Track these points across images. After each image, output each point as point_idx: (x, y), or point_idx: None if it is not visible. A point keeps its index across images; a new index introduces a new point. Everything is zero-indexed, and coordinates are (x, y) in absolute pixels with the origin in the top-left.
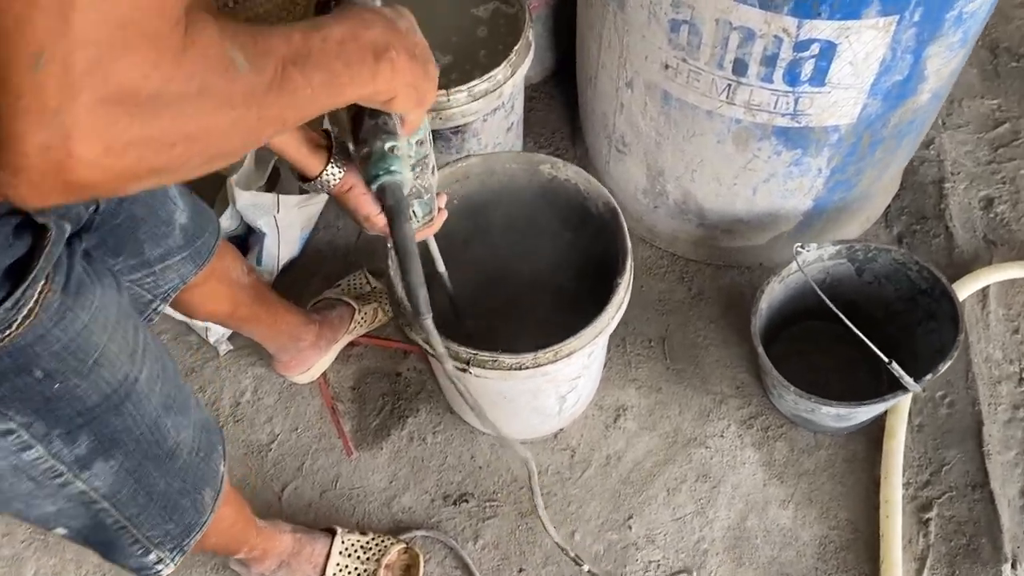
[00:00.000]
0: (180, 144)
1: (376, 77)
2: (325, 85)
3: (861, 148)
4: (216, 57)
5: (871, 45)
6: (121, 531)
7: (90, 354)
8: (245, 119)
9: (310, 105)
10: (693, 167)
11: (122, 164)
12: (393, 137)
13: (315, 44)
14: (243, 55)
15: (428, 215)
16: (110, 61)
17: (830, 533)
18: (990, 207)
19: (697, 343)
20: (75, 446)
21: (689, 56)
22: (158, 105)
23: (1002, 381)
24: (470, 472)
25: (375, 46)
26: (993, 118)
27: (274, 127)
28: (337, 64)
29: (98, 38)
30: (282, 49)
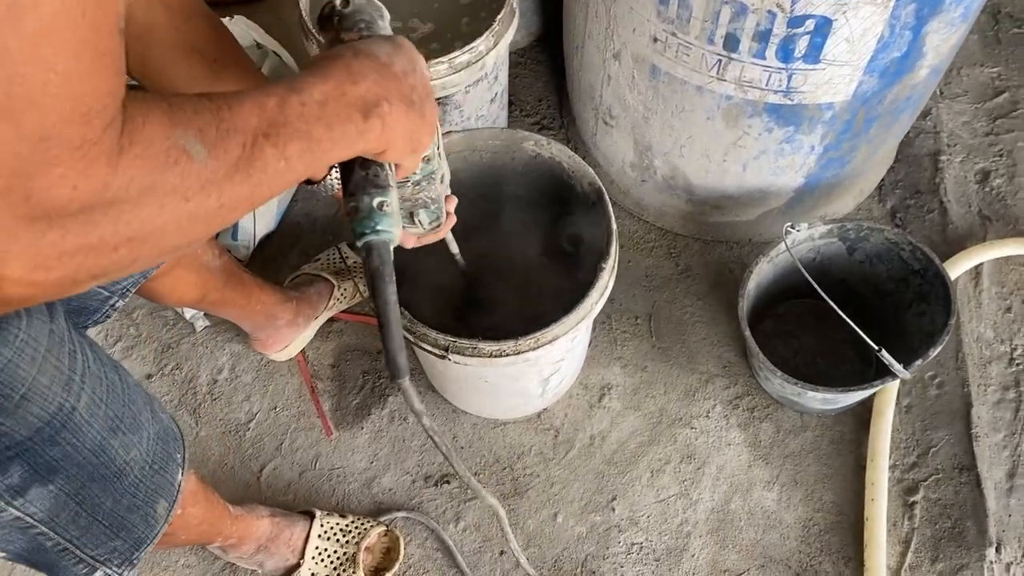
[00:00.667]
0: (124, 247)
1: (365, 136)
2: (303, 154)
3: (856, 125)
4: (162, 152)
5: (869, 21)
6: (63, 552)
7: (16, 390)
8: (204, 209)
9: (283, 178)
10: (682, 143)
11: (55, 276)
12: (383, 192)
13: (292, 110)
14: (200, 141)
15: (435, 222)
16: (30, 178)
17: (815, 515)
18: (986, 181)
19: (684, 320)
20: (6, 476)
21: (679, 30)
22: (94, 213)
23: (992, 361)
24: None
25: (364, 102)
26: (992, 87)
27: (240, 210)
28: (318, 129)
29: (14, 156)
30: (252, 122)
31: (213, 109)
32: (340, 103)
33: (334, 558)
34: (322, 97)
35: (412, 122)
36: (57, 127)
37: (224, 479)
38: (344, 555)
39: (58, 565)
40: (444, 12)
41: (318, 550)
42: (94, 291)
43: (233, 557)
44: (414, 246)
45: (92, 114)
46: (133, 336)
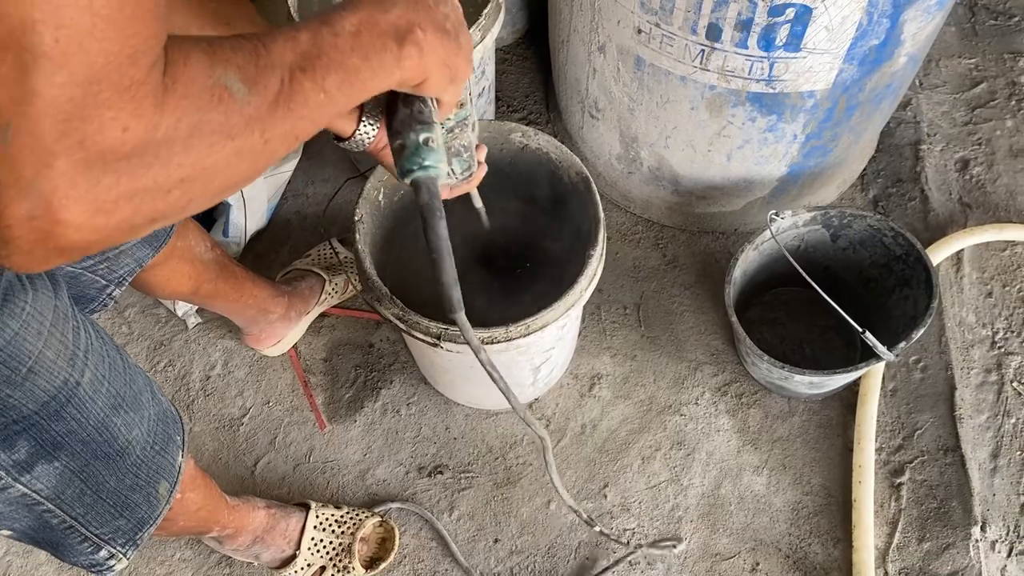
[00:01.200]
0: (176, 189)
1: (402, 63)
2: (342, 86)
3: (837, 113)
4: (205, 90)
5: (847, 9)
6: (68, 530)
7: (23, 362)
8: (249, 146)
9: (325, 111)
10: (667, 133)
11: (115, 220)
12: (428, 128)
13: (325, 42)
14: (240, 78)
15: (467, 171)
16: (83, 121)
17: (803, 499)
18: (966, 169)
19: (672, 310)
20: (13, 451)
21: (662, 20)
22: (145, 155)
23: (975, 345)
24: (445, 443)
25: (397, 29)
26: (970, 78)
27: (286, 145)
28: (354, 59)
29: (66, 101)
30: (288, 56)
31: (249, 48)
32: (373, 32)
33: (330, 549)
34: (354, 28)
35: (448, 49)
36: (105, 70)
37: (219, 474)
38: (340, 546)
39: (64, 543)
40: None
41: (314, 541)
42: (91, 279)
43: (229, 549)
44: (448, 197)
45: (138, 55)
46: (125, 334)
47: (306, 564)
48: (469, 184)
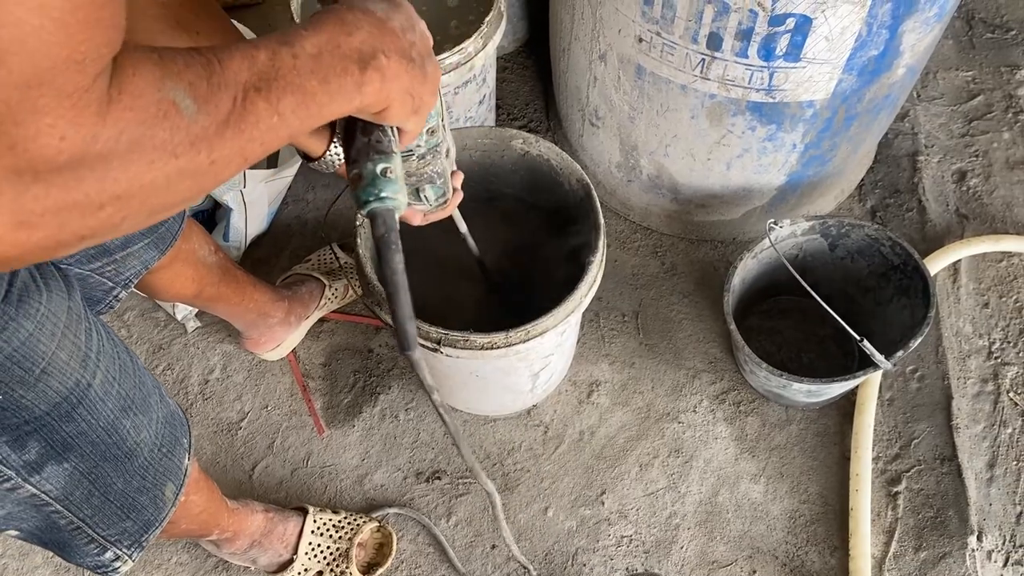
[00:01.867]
0: (110, 205)
1: (362, 89)
2: (297, 108)
3: (836, 123)
4: (152, 104)
5: (847, 20)
6: (75, 531)
7: (37, 364)
8: (193, 166)
9: (277, 134)
10: (667, 142)
11: (38, 236)
12: (386, 158)
13: (284, 62)
14: (190, 94)
15: (441, 198)
16: (16, 126)
17: (800, 507)
18: (963, 180)
19: (670, 318)
20: (24, 452)
21: (663, 29)
22: (80, 167)
23: (971, 355)
24: (443, 449)
25: (360, 54)
26: (967, 90)
27: (232, 167)
28: (312, 82)
29: (1, 103)
30: (243, 75)
31: (203, 63)
32: (335, 55)
33: (327, 554)
34: (315, 49)
35: (412, 78)
36: (49, 73)
37: (216, 477)
38: (337, 551)
39: (71, 544)
40: (433, 15)
41: (311, 546)
42: (98, 281)
43: (226, 553)
44: (421, 223)
45: (86, 62)
46: (124, 337)
47: (303, 569)
48: (443, 211)
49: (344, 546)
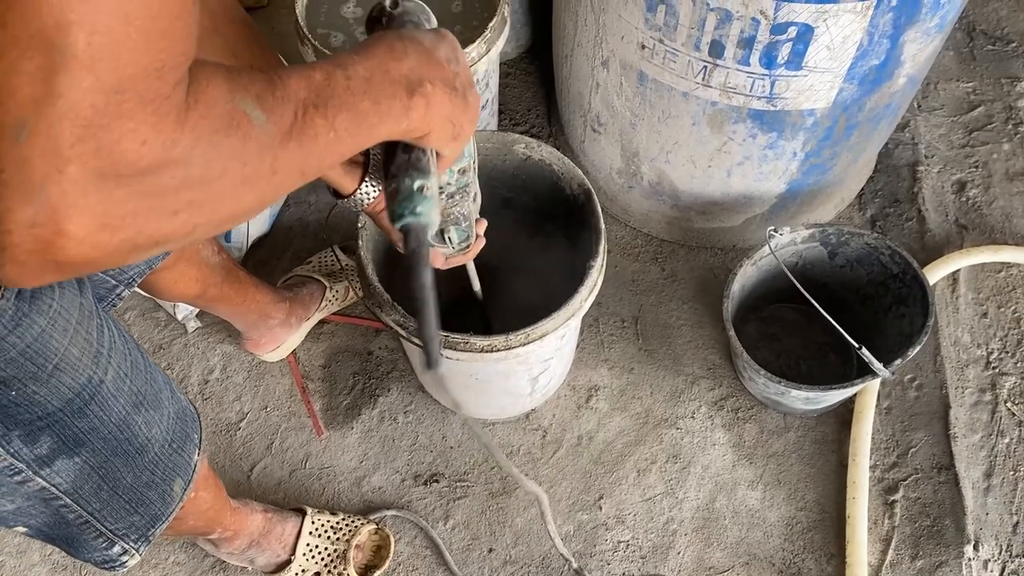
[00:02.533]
0: (184, 211)
1: (409, 113)
2: (351, 127)
3: (836, 132)
4: (225, 114)
5: (848, 29)
6: (84, 526)
7: (49, 360)
8: (258, 175)
9: (333, 150)
10: (668, 149)
11: (119, 238)
12: (424, 175)
13: (338, 83)
14: (258, 106)
15: (465, 241)
16: (102, 130)
17: (797, 514)
18: (962, 191)
19: (670, 324)
20: (36, 446)
21: (666, 37)
22: (160, 171)
23: (969, 365)
24: (441, 452)
25: (408, 80)
26: (968, 101)
27: (291, 180)
28: (364, 103)
29: (89, 106)
30: (302, 92)
31: (266, 79)
32: (384, 79)
33: (325, 555)
34: (366, 73)
35: (455, 106)
36: (133, 80)
37: None
38: (335, 552)
39: (78, 539)
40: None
41: (309, 547)
42: (102, 278)
43: (224, 553)
44: (442, 267)
45: (165, 70)
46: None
47: (301, 570)
48: (465, 256)
49: (342, 548)
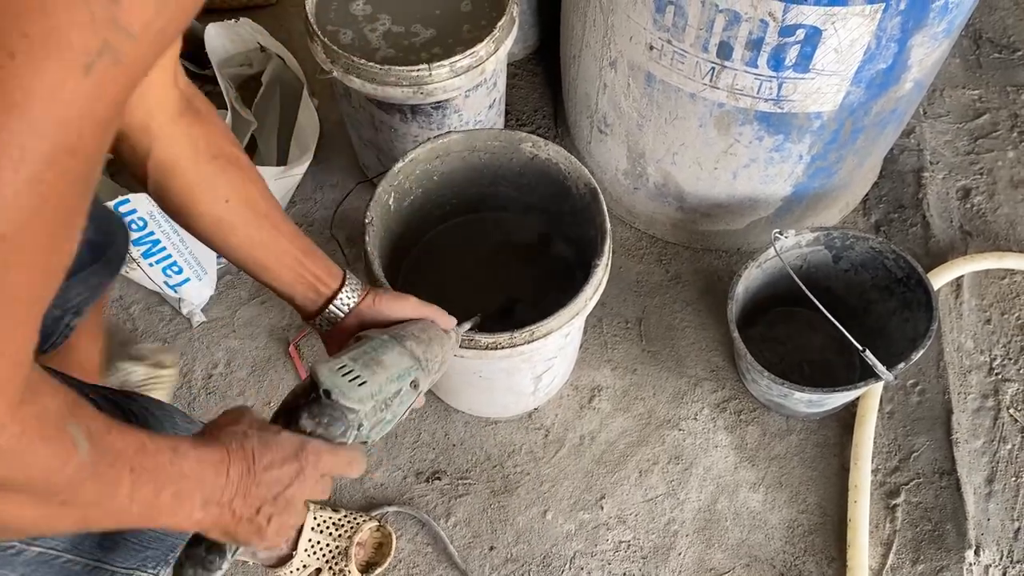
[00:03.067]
0: None
1: (192, 523)
2: (145, 504)
3: (842, 135)
4: (53, 426)
5: (856, 32)
6: (95, 571)
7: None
8: (48, 497)
9: (116, 515)
10: (674, 150)
11: None
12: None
13: (163, 462)
14: (87, 438)
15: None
16: None
17: (799, 517)
18: (967, 198)
19: (673, 325)
20: None
21: (674, 38)
22: None
23: (972, 370)
24: (443, 449)
25: (210, 498)
26: (973, 108)
27: (68, 521)
28: (165, 493)
29: None
30: (130, 450)
31: (104, 423)
32: (197, 483)
33: (327, 551)
34: (188, 470)
35: (242, 531)
36: None
37: None
38: (336, 548)
39: None
40: (446, 19)
41: (311, 542)
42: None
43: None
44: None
45: (11, 347)
46: (129, 330)
47: (302, 565)
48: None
49: (344, 544)
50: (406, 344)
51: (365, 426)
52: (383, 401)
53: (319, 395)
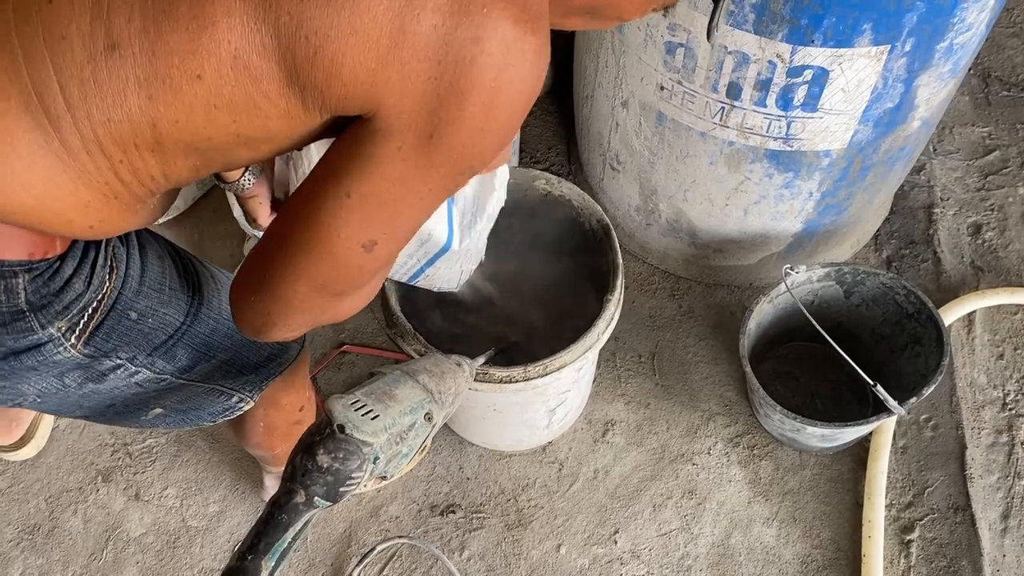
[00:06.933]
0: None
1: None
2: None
3: (852, 173)
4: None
5: (863, 73)
6: (210, 391)
7: (164, 284)
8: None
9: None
10: (686, 187)
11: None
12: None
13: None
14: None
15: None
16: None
17: (813, 552)
18: (978, 233)
19: (686, 360)
20: (175, 360)
21: (684, 78)
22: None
23: (986, 406)
24: (458, 483)
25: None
26: (983, 145)
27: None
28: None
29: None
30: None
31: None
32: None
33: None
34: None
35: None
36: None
37: (236, 504)
38: None
39: (201, 406)
40: None
41: None
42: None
43: (274, 477)
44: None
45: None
46: None
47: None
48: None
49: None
50: (419, 378)
51: (381, 459)
52: (398, 435)
53: (333, 430)
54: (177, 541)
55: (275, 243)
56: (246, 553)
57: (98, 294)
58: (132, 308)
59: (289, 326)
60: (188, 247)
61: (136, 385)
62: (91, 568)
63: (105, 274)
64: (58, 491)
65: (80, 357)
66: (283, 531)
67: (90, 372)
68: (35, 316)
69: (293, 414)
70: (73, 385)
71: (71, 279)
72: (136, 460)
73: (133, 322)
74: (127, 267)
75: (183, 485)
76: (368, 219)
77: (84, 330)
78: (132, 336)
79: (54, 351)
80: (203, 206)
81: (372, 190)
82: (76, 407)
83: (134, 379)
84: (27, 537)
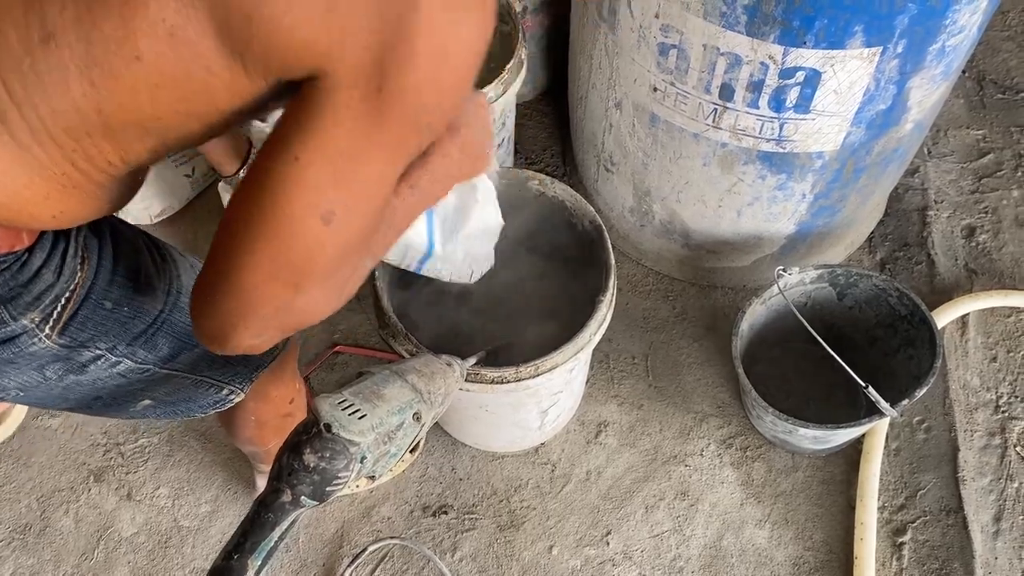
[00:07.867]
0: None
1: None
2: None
3: (845, 174)
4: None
5: (855, 75)
6: (198, 383)
7: (140, 272)
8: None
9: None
10: (679, 188)
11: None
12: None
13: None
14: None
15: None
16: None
17: (805, 554)
18: (972, 236)
19: (680, 361)
20: (156, 350)
21: (677, 80)
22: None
23: (979, 408)
24: (450, 484)
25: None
26: (978, 148)
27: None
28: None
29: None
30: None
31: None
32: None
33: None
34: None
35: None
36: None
37: (228, 504)
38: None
39: (191, 398)
40: None
41: None
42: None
43: (262, 472)
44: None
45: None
46: None
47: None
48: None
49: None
50: (408, 378)
51: (368, 459)
52: (385, 434)
53: (320, 429)
54: (169, 541)
55: (230, 228)
56: (232, 552)
57: (70, 284)
58: (106, 297)
59: (251, 329)
60: (182, 246)
61: (120, 376)
62: (82, 568)
63: (76, 264)
64: (50, 490)
65: (57, 348)
66: (269, 530)
67: (70, 364)
68: (5, 308)
69: (283, 406)
70: (54, 378)
71: (40, 270)
72: (128, 460)
73: (109, 311)
74: (99, 256)
75: (175, 485)
76: (320, 184)
77: (58, 320)
78: (109, 326)
79: (29, 342)
80: (197, 206)
81: (322, 151)
82: (61, 400)
83: (116, 370)
84: (18, 537)
